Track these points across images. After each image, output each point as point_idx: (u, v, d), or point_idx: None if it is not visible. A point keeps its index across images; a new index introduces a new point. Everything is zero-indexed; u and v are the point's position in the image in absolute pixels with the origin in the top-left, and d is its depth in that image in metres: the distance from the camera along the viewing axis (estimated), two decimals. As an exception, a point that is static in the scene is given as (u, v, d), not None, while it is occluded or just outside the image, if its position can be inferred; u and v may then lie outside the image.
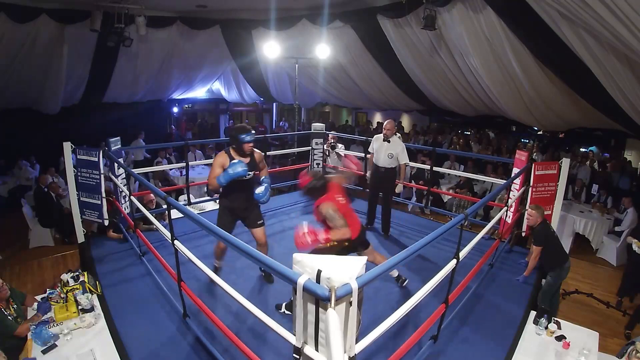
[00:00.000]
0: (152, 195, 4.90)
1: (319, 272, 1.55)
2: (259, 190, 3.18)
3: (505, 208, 3.95)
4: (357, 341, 1.62)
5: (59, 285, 3.11)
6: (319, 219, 2.85)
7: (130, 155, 9.32)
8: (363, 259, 1.69)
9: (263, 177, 3.29)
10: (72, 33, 6.99)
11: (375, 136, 4.67)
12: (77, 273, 3.24)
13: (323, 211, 2.77)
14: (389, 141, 4.46)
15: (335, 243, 2.71)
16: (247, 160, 3.10)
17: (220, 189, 3.10)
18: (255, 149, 3.21)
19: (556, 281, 3.57)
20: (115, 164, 4.13)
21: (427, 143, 10.71)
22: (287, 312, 2.97)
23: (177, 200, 5.88)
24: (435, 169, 5.43)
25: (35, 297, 3.07)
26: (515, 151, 5.20)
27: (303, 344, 1.64)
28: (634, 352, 2.53)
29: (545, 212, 3.82)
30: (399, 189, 4.48)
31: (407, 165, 4.57)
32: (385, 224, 4.68)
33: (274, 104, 15.76)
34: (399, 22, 6.55)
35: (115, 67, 8.38)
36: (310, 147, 6.03)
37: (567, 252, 4.09)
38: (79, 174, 4.11)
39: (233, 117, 15.23)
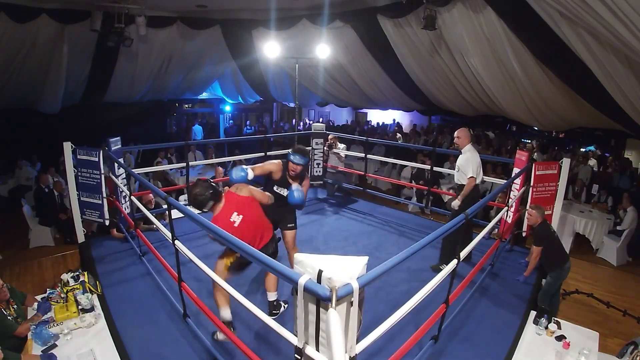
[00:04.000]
0: (150, 195, 4.89)
1: (320, 272, 1.54)
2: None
3: (506, 208, 3.95)
4: (358, 341, 1.62)
5: (59, 285, 3.11)
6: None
7: (128, 154, 9.28)
8: (364, 259, 1.69)
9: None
10: (72, 33, 6.99)
11: None
12: (77, 273, 3.24)
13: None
14: (461, 152, 3.84)
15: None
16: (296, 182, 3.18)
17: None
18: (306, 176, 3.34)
19: (556, 281, 3.57)
20: (116, 164, 4.13)
21: (427, 143, 10.72)
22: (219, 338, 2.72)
23: (178, 200, 5.88)
24: (435, 169, 5.42)
25: (36, 297, 3.06)
26: (515, 151, 5.20)
27: (304, 344, 1.64)
28: (637, 357, 2.52)
29: (546, 212, 3.82)
30: (455, 203, 3.79)
31: (473, 179, 3.70)
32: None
33: (274, 104, 15.76)
34: (399, 22, 6.55)
35: (115, 67, 8.37)
36: (310, 147, 6.03)
37: (567, 252, 4.08)
38: (79, 174, 4.11)
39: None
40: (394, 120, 14.79)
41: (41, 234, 6.09)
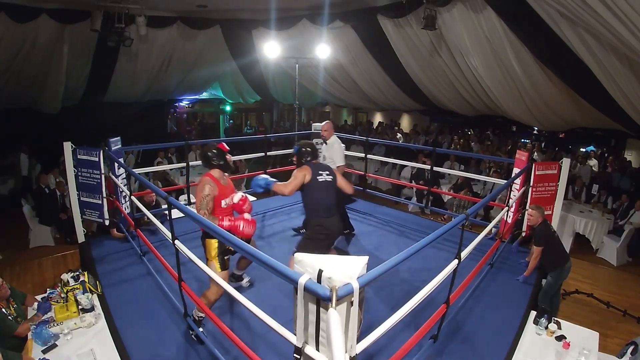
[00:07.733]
0: (152, 195, 4.88)
1: (320, 271, 1.55)
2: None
3: (506, 208, 3.95)
4: (358, 341, 1.62)
5: (59, 285, 3.11)
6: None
7: (130, 155, 9.30)
8: (364, 259, 1.69)
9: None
10: (72, 33, 7.00)
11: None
12: (78, 273, 3.24)
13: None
14: (326, 143, 4.24)
15: None
16: None
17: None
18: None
19: (557, 281, 3.56)
20: (116, 164, 4.12)
21: (427, 143, 10.71)
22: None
23: (178, 200, 5.87)
24: (435, 169, 5.42)
25: (36, 297, 3.06)
26: (515, 151, 5.19)
27: (304, 344, 1.64)
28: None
29: (546, 212, 3.82)
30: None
31: (343, 167, 4.13)
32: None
33: (274, 104, 15.75)
34: (399, 22, 6.55)
35: (115, 67, 8.38)
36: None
37: (568, 252, 4.08)
38: (79, 173, 4.11)
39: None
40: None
41: (41, 233, 6.09)
